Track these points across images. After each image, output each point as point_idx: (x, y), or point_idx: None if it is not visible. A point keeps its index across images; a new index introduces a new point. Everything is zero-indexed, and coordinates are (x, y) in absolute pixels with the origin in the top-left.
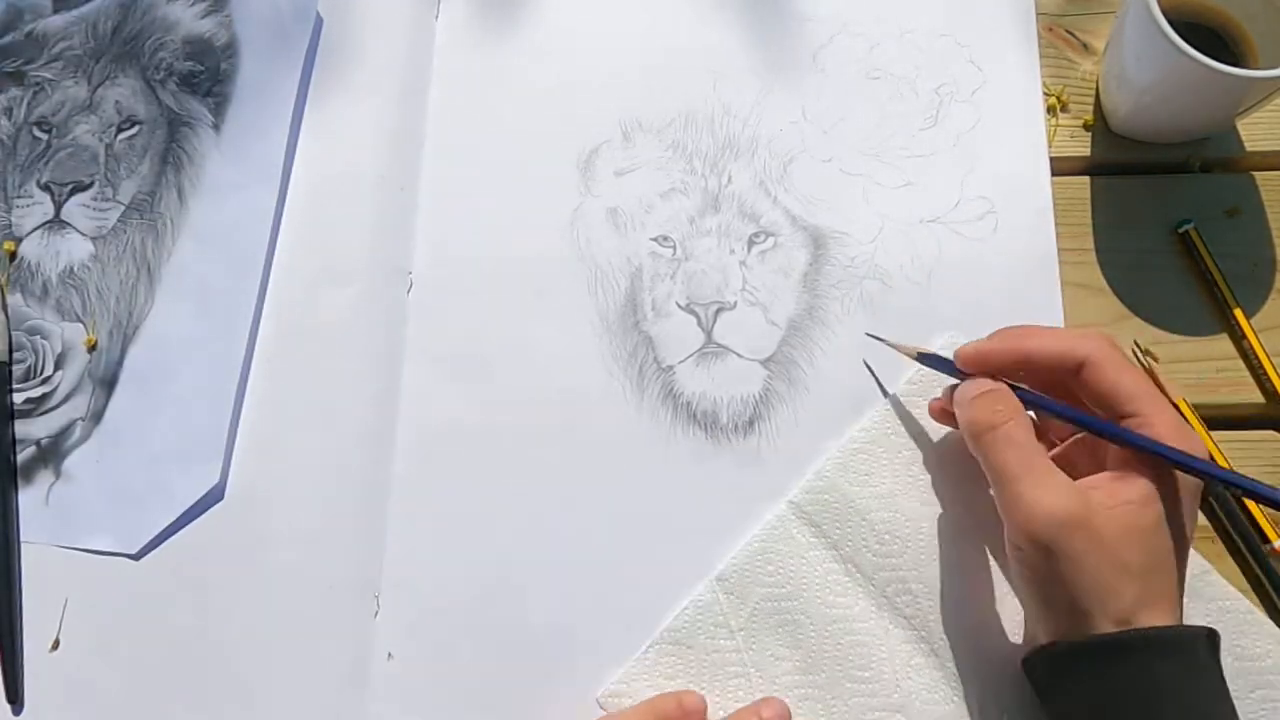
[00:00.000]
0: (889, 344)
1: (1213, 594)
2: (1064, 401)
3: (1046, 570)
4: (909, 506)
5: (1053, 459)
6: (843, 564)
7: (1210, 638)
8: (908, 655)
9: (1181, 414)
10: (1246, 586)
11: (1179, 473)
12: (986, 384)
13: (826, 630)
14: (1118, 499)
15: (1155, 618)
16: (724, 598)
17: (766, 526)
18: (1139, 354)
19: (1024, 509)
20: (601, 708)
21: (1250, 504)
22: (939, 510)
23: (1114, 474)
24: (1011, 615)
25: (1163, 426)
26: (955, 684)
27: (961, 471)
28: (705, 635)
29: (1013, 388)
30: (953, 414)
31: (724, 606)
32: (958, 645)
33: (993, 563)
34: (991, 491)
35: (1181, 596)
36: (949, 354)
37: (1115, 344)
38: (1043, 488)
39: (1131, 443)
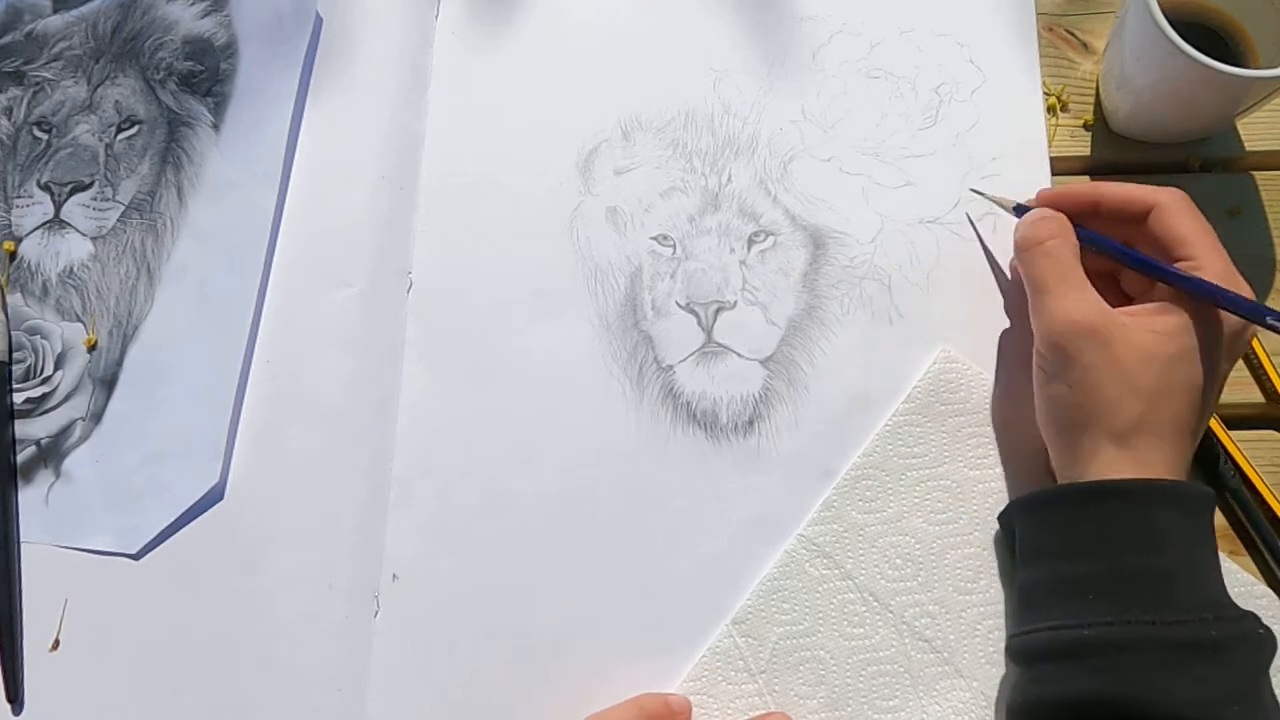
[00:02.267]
0: (989, 198)
1: (1233, 583)
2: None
3: (1061, 377)
4: (918, 527)
5: (1104, 292)
6: (859, 593)
7: (1209, 496)
8: (932, 679)
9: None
10: (1263, 583)
11: (1217, 324)
12: (1046, 211)
13: (848, 663)
14: (1144, 326)
15: (1153, 447)
16: (741, 641)
17: (779, 564)
18: None
19: (1048, 315)
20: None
21: (1269, 499)
22: (949, 527)
23: (1152, 305)
24: None
25: (1212, 270)
26: (984, 702)
27: (966, 488)
28: (726, 681)
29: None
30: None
31: (743, 650)
32: (978, 661)
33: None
34: (1029, 304)
35: (1188, 446)
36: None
37: (1187, 197)
38: (1070, 299)
39: (1169, 276)
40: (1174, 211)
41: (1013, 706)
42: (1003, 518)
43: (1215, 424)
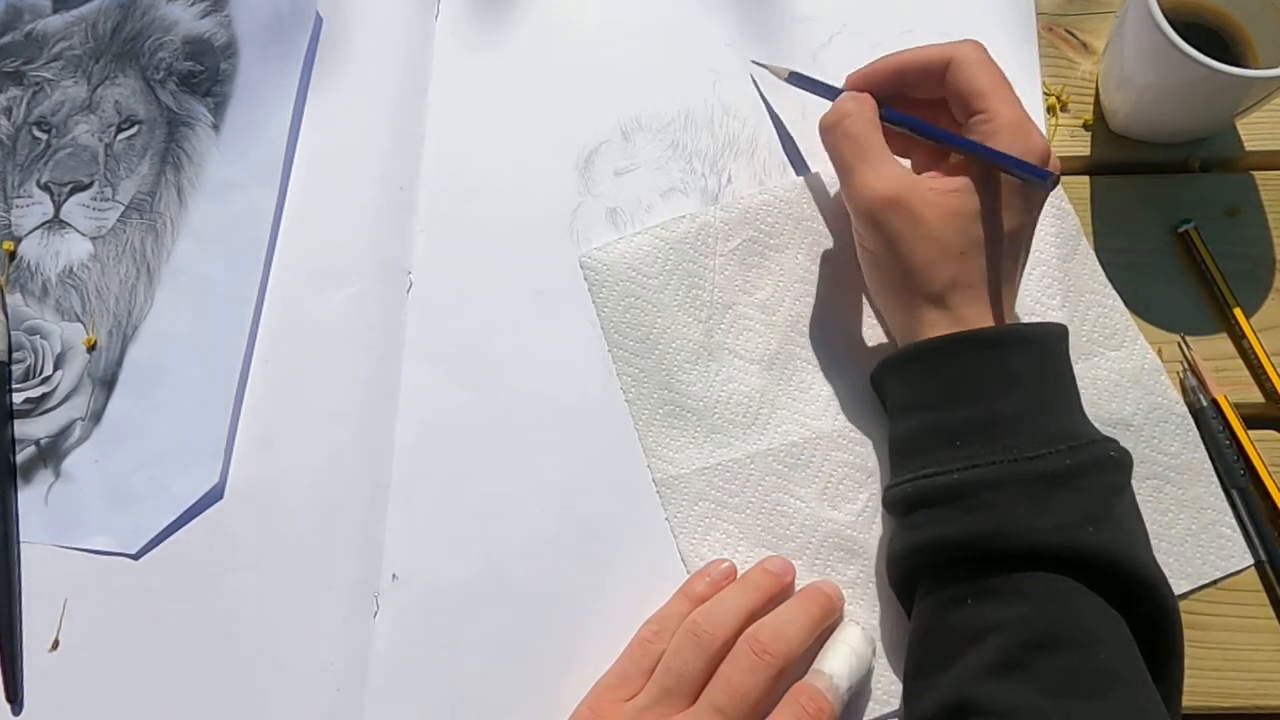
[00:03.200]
0: (766, 67)
1: (1157, 390)
2: (939, 122)
3: (876, 248)
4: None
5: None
6: (833, 238)
7: (1049, 330)
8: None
9: None
10: (1258, 584)
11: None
12: (850, 94)
13: (789, 288)
14: (943, 186)
15: (968, 301)
16: (720, 224)
17: (783, 184)
18: (1184, 349)
19: (853, 191)
20: (580, 265)
21: (1270, 486)
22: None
23: (948, 165)
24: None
25: (1001, 120)
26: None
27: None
28: (690, 245)
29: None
30: None
31: (716, 231)
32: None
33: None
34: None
35: (1008, 295)
36: None
37: (982, 48)
38: (873, 173)
39: (954, 143)
40: (968, 64)
41: (892, 556)
42: (873, 379)
43: (1235, 422)
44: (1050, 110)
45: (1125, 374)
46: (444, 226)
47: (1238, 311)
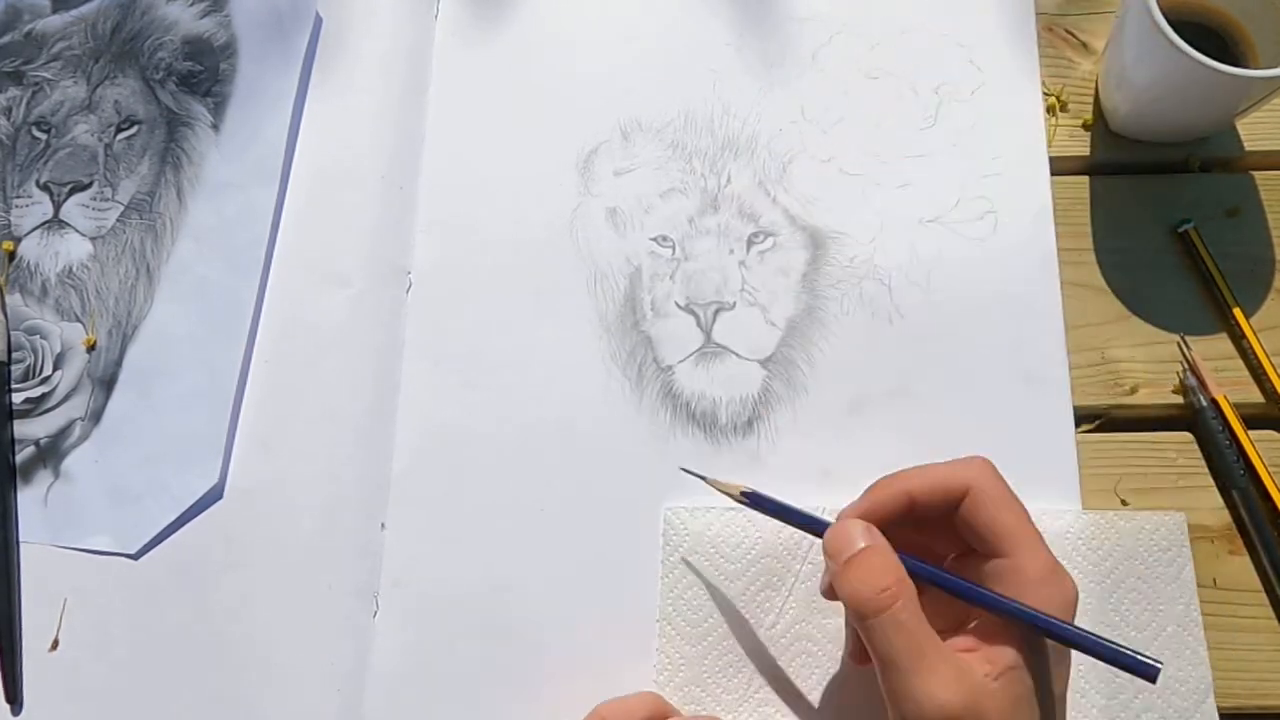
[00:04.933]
0: (708, 482)
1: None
2: (939, 545)
3: None
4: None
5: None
6: None
7: None
8: None
9: None
10: (1258, 584)
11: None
12: (858, 535)
13: None
14: (996, 668)
15: None
16: None
17: None
18: (1184, 349)
19: (913, 702)
20: (663, 520)
21: (1270, 486)
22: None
23: (986, 634)
24: None
25: (1033, 573)
26: None
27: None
28: (782, 544)
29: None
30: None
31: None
32: None
33: None
34: (878, 674)
35: None
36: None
37: (996, 473)
38: (934, 679)
39: (989, 606)
40: (986, 501)
41: None
42: None
43: (1235, 422)
44: (1050, 110)
45: None
46: (444, 226)
47: (1238, 311)
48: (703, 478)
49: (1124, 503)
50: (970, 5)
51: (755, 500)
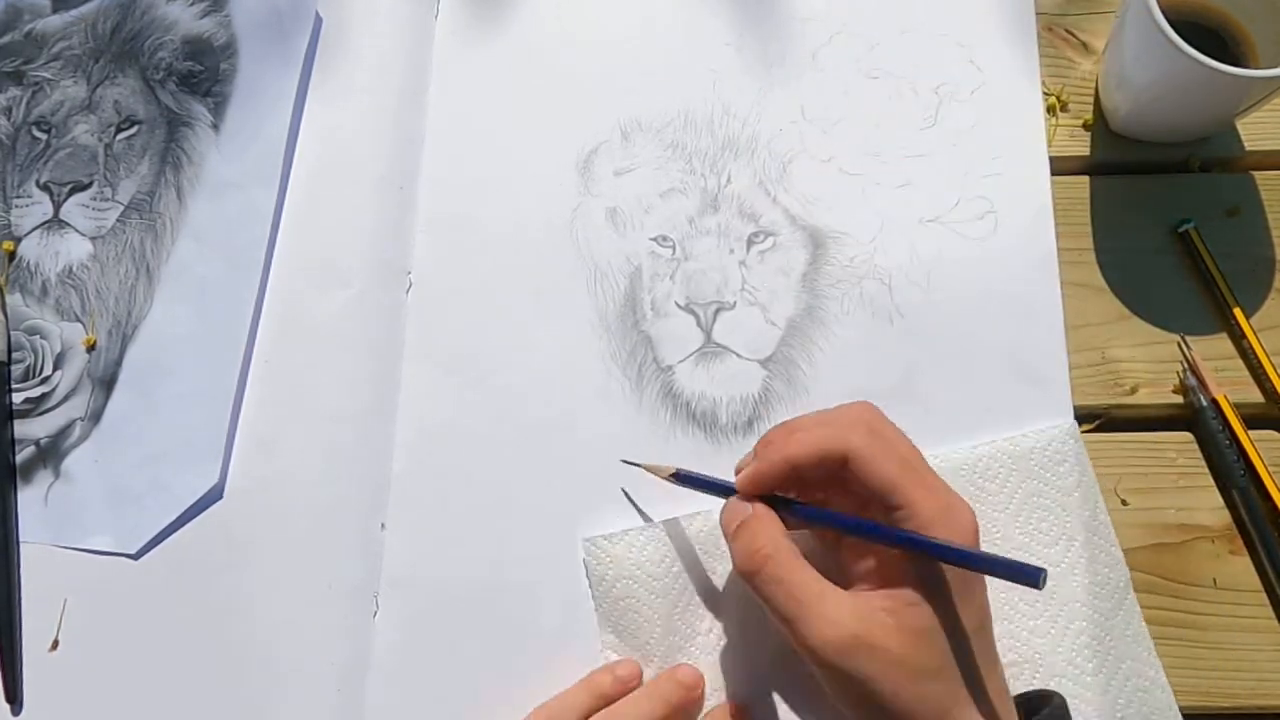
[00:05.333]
0: (643, 467)
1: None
2: (839, 500)
3: (851, 692)
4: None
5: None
6: None
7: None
8: None
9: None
10: (1258, 584)
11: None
12: (741, 510)
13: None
14: (894, 603)
15: (971, 714)
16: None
17: None
18: (1184, 349)
19: (803, 644)
20: (582, 550)
21: (1270, 486)
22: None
23: (887, 573)
24: None
25: (926, 512)
26: None
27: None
28: (701, 547)
29: (778, 502)
30: None
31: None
32: None
33: None
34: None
35: (996, 669)
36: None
37: (874, 428)
38: (819, 619)
39: (887, 539)
40: (867, 460)
41: None
42: None
43: (1235, 422)
44: (1050, 110)
45: None
46: (444, 226)
47: (1238, 311)
48: (636, 464)
49: (1124, 503)
50: (970, 5)
51: (683, 478)
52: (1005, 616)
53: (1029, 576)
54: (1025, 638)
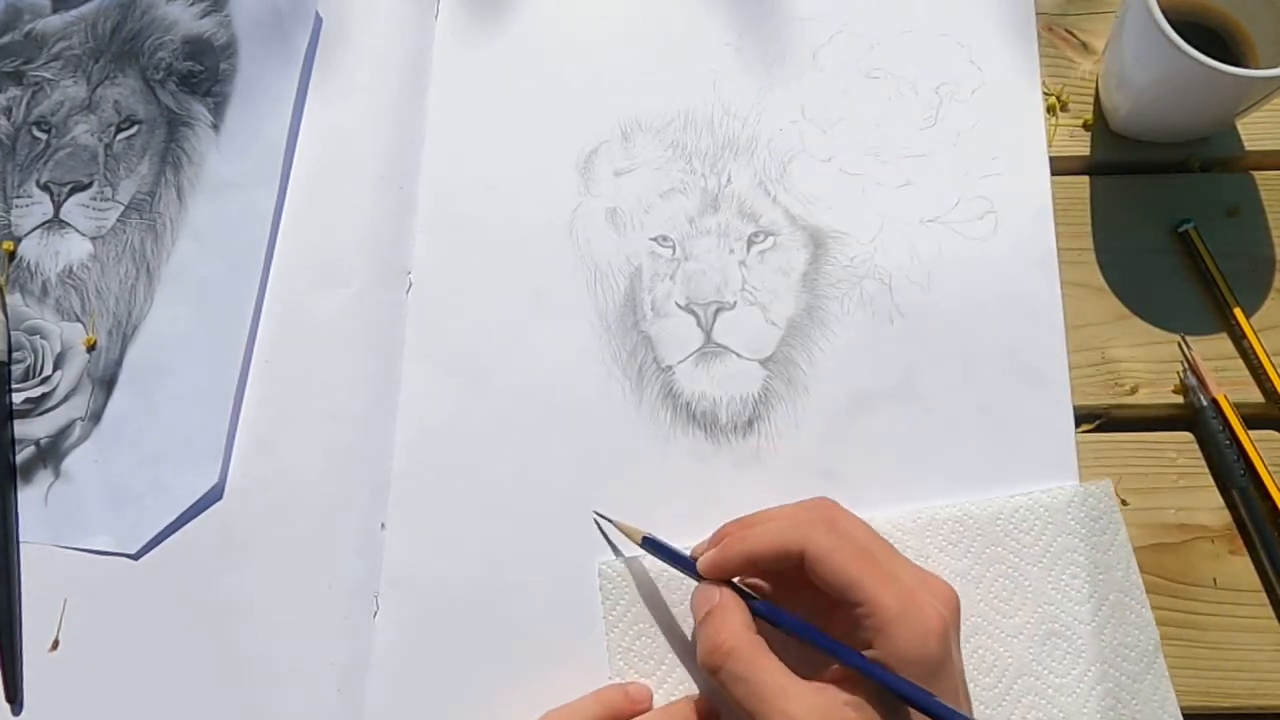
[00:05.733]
0: (615, 524)
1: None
2: (807, 593)
3: None
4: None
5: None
6: None
7: None
8: None
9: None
10: (1258, 584)
11: (911, 658)
12: (708, 598)
13: None
14: (861, 695)
15: None
16: None
17: None
18: (1184, 349)
19: None
20: (598, 574)
21: (1270, 486)
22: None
23: (842, 674)
24: None
25: (886, 612)
26: None
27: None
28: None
29: (745, 593)
30: None
31: None
32: None
33: None
34: None
35: None
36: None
37: (834, 523)
38: (780, 717)
39: (842, 658)
40: (823, 559)
41: None
42: None
43: (1235, 422)
44: (1050, 110)
45: None
46: (444, 226)
47: (1238, 311)
48: (609, 520)
49: (1124, 503)
50: (970, 5)
51: (651, 545)
52: (1032, 673)
53: (940, 715)
54: (1051, 695)
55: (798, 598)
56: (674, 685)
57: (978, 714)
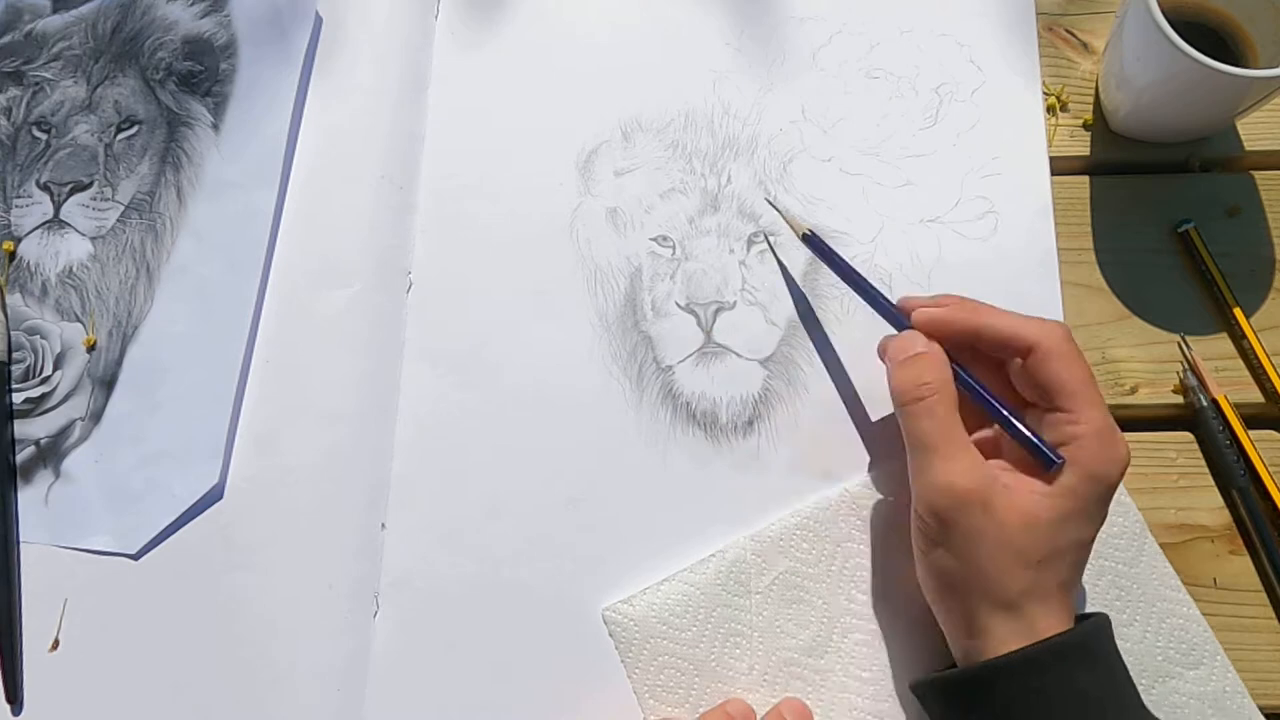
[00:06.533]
0: (780, 210)
1: (1241, 715)
2: (994, 388)
3: (944, 545)
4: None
5: (985, 438)
6: (872, 561)
7: (1102, 628)
8: (901, 667)
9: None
10: (1258, 584)
11: (1096, 483)
12: (918, 344)
13: (839, 621)
14: (1025, 486)
15: (1044, 613)
16: (752, 557)
17: (815, 504)
18: (1184, 349)
19: (929, 479)
20: (605, 621)
21: (1270, 486)
22: None
23: (1030, 461)
24: None
25: (1091, 426)
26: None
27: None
28: (723, 586)
29: (950, 358)
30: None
31: (749, 566)
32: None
33: None
34: (908, 458)
35: (1075, 590)
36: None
37: (1069, 337)
38: (952, 461)
39: (1038, 452)
40: (1054, 357)
41: None
42: (915, 690)
43: (1235, 422)
44: (1050, 110)
45: (1206, 698)
46: (444, 226)
47: (1238, 311)
48: (776, 207)
49: None
50: (970, 5)
51: (816, 246)
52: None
53: (1050, 459)
54: None
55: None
56: (710, 705)
57: None
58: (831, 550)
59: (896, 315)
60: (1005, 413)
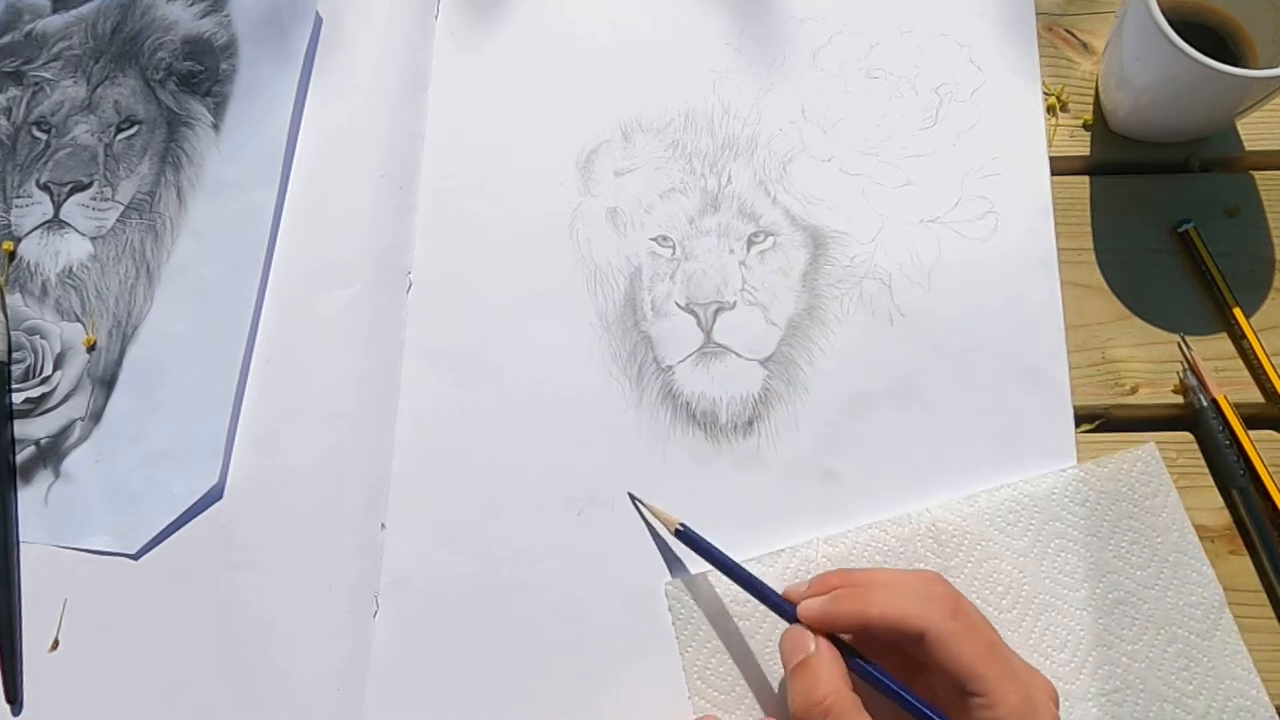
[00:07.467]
0: (649, 509)
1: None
2: (890, 661)
3: None
4: (1014, 578)
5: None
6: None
7: None
8: None
9: None
10: (1258, 584)
11: None
12: (808, 643)
13: None
14: None
15: None
16: (823, 560)
17: (893, 519)
18: (1184, 349)
19: None
20: (665, 595)
21: (1270, 486)
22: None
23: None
24: None
25: (1004, 705)
26: None
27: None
28: (788, 584)
29: (843, 648)
30: None
31: (818, 569)
32: None
33: None
34: None
35: None
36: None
37: (957, 610)
38: None
39: None
40: (948, 642)
41: None
42: None
43: (1235, 422)
44: (1050, 110)
45: None
46: (444, 226)
47: (1238, 311)
48: (643, 505)
49: None
50: (970, 5)
51: (688, 539)
52: (1105, 642)
53: None
54: (1125, 663)
55: (882, 654)
56: (749, 707)
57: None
58: (906, 568)
59: (784, 606)
60: (914, 702)
